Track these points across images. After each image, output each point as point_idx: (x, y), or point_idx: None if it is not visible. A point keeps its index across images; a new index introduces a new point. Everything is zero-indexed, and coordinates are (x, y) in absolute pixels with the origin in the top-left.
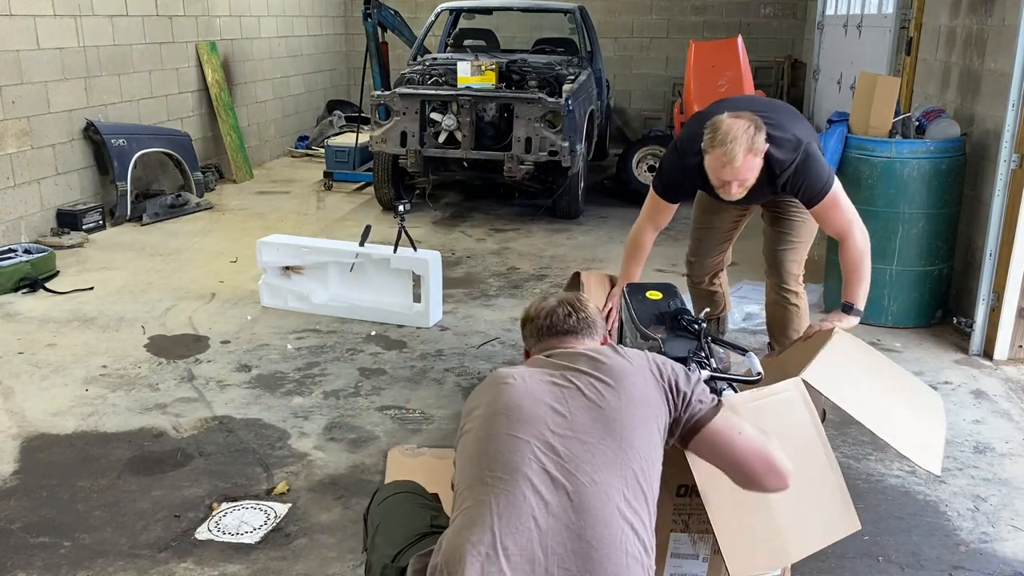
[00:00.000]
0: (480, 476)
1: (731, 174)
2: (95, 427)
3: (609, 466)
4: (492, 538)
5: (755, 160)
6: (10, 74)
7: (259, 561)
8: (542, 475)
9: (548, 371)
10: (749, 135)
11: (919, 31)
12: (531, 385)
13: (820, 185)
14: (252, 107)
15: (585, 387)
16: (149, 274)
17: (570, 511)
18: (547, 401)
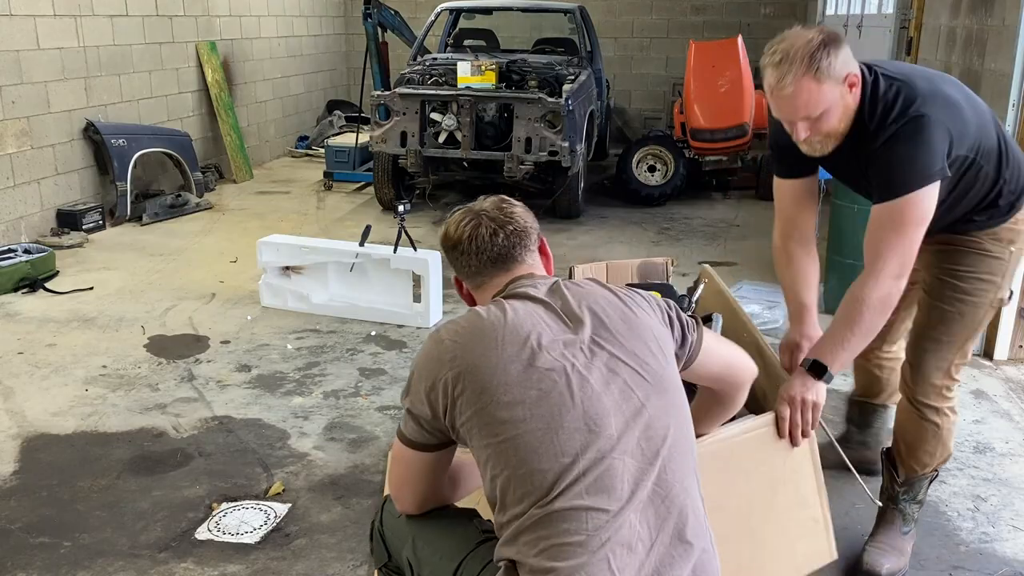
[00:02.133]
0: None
1: (789, 108)
2: (95, 427)
3: (683, 451)
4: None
5: (822, 89)
6: (10, 74)
7: (259, 561)
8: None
9: (577, 343)
10: (809, 52)
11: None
12: (582, 372)
13: (904, 176)
14: (252, 107)
15: (620, 358)
16: (149, 274)
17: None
18: (611, 396)
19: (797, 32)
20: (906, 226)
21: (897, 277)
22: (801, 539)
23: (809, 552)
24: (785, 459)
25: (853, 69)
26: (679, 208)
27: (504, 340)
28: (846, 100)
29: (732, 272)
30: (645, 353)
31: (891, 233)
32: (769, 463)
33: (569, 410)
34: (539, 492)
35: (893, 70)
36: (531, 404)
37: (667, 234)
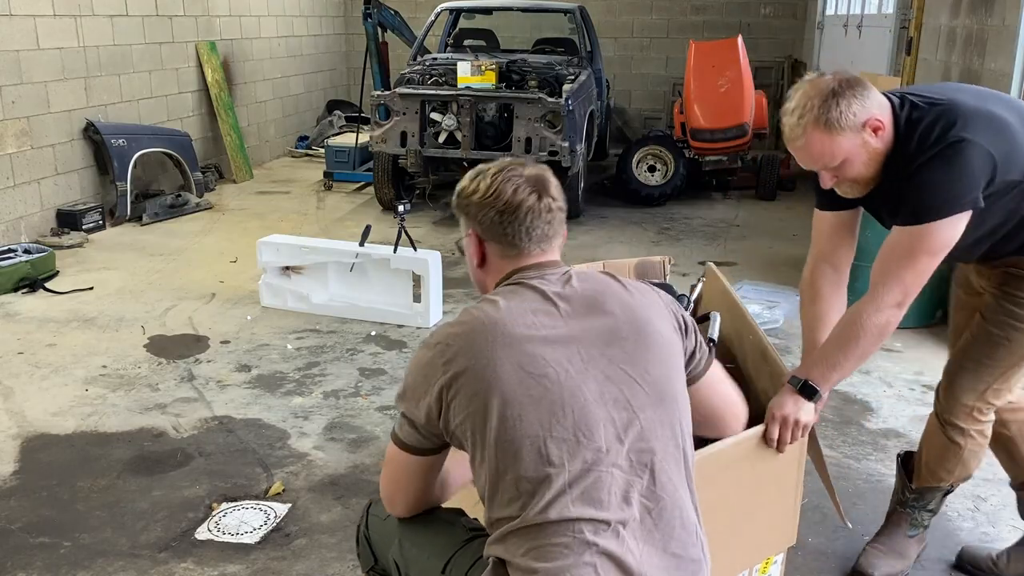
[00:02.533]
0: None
1: (806, 159)
2: (95, 427)
3: (669, 449)
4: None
5: (836, 141)
6: (10, 74)
7: (259, 561)
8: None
9: (576, 348)
10: (820, 103)
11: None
12: (576, 380)
13: (931, 202)
14: (252, 107)
15: (625, 365)
16: (149, 274)
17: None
18: (604, 406)
19: (812, 80)
20: (919, 254)
21: (898, 306)
22: (769, 530)
23: (774, 540)
24: (772, 465)
25: (874, 112)
26: (679, 208)
27: (496, 342)
28: (869, 146)
29: (732, 272)
30: (648, 360)
31: (903, 259)
32: (756, 471)
33: (559, 419)
34: (526, 498)
35: (937, 94)
36: (521, 409)
37: (667, 234)
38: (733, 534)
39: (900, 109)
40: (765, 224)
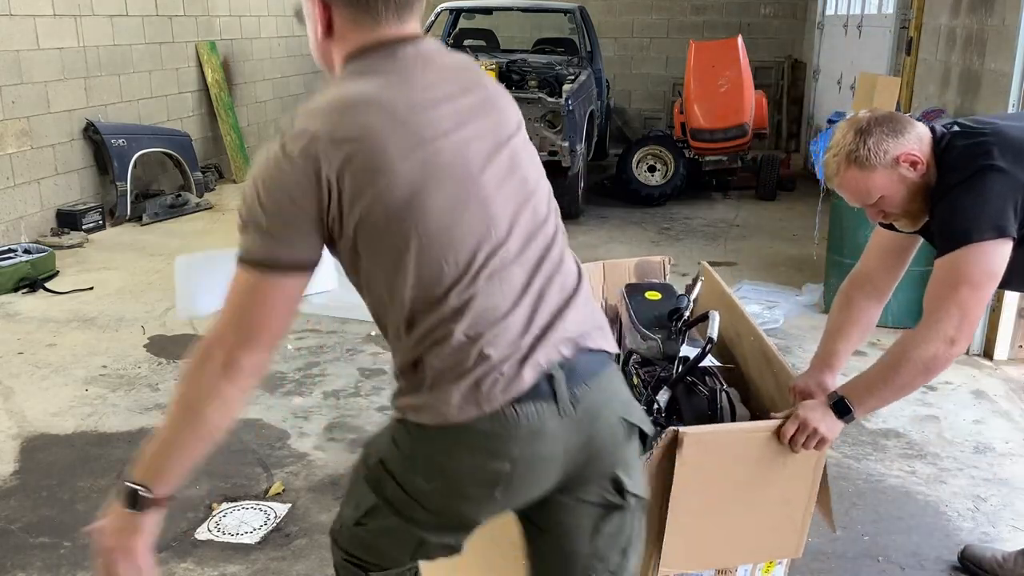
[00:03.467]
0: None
1: (847, 196)
2: (95, 427)
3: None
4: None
5: (870, 177)
6: (10, 74)
7: (259, 561)
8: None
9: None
10: (849, 142)
11: (919, 31)
12: (461, 153)
13: (957, 227)
14: (252, 107)
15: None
16: (149, 274)
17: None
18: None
19: (849, 119)
20: (959, 286)
21: (950, 342)
22: (773, 532)
23: (776, 545)
24: (785, 464)
25: (908, 147)
26: (679, 208)
27: (382, 117)
28: (907, 180)
29: (732, 272)
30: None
31: (945, 292)
32: (769, 464)
33: (464, 202)
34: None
35: (985, 124)
36: (431, 191)
37: (667, 234)
38: (733, 524)
39: (941, 141)
40: (765, 224)
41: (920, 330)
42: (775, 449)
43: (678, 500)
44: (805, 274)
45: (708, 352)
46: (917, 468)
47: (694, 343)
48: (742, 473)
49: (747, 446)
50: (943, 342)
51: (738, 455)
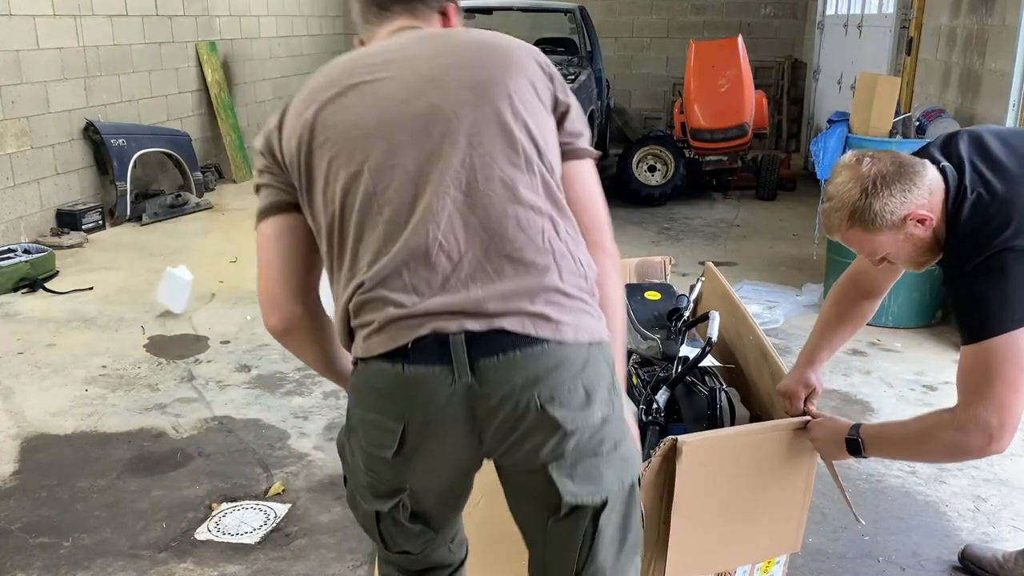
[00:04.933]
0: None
1: (852, 248)
2: (95, 427)
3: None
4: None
5: (874, 238)
6: (10, 74)
7: (259, 561)
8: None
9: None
10: (851, 201)
11: (919, 31)
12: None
13: (990, 316)
14: (252, 107)
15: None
16: (149, 274)
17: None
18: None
19: (850, 165)
20: (996, 382)
21: (989, 438)
22: (771, 530)
23: (775, 543)
24: (780, 466)
25: (917, 204)
26: (679, 208)
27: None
28: (915, 237)
29: (732, 272)
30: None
31: (982, 384)
32: (763, 468)
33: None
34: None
35: (1003, 175)
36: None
37: (667, 234)
38: (733, 527)
39: (956, 199)
40: (765, 224)
41: (958, 414)
42: (772, 451)
43: (680, 509)
44: (805, 274)
45: (708, 352)
46: (917, 468)
47: (694, 343)
48: (741, 477)
49: (745, 450)
50: (983, 435)
51: (736, 460)
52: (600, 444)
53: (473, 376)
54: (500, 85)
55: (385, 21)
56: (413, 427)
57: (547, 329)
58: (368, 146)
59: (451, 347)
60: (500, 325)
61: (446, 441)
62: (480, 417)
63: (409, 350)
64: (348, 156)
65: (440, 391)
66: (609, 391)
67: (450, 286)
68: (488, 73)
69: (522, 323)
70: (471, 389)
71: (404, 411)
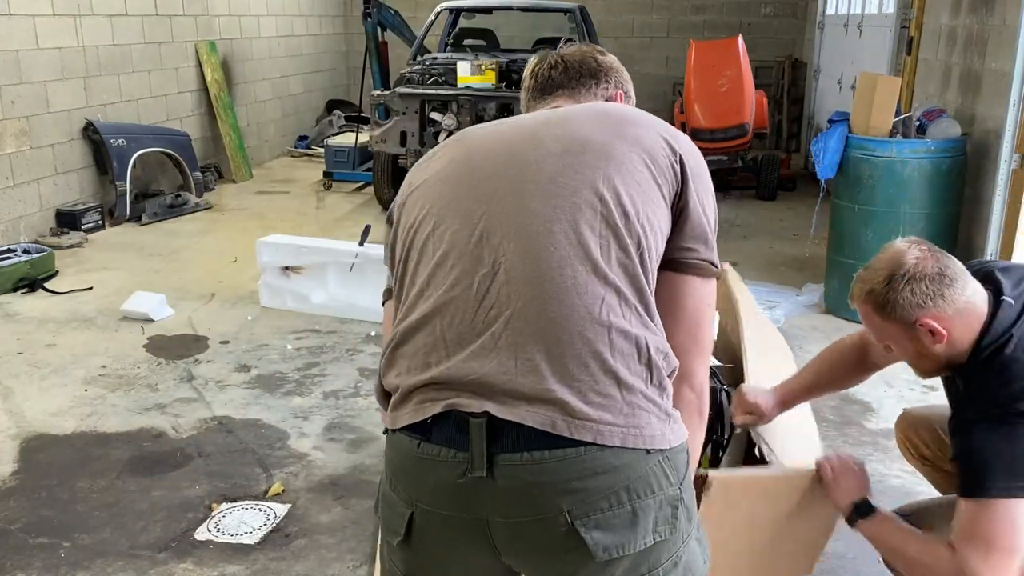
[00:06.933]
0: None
1: (861, 319)
2: (94, 427)
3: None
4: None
5: (882, 324)
6: (9, 74)
7: (259, 562)
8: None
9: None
10: (884, 275)
11: (920, 31)
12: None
13: (996, 474)
14: (252, 107)
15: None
16: (148, 274)
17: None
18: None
19: (899, 248)
20: (992, 550)
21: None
22: (790, 558)
23: (792, 568)
24: (811, 507)
25: (936, 316)
26: None
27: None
28: (921, 345)
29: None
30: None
31: (978, 544)
32: (794, 507)
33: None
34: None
35: None
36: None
37: None
38: (756, 555)
39: (1000, 334)
40: (765, 224)
41: (956, 560)
42: (801, 496)
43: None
44: (805, 274)
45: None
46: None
47: None
48: (767, 514)
49: (774, 492)
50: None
51: (764, 498)
52: (656, 566)
53: (489, 472)
54: (603, 145)
55: (545, 105)
56: (419, 517)
57: (585, 431)
58: (439, 190)
59: (469, 431)
60: (529, 419)
61: (453, 543)
62: (493, 522)
63: (429, 425)
64: (422, 200)
65: (450, 479)
66: (672, 508)
67: (482, 349)
68: (594, 133)
69: (553, 421)
70: (485, 485)
71: (412, 495)
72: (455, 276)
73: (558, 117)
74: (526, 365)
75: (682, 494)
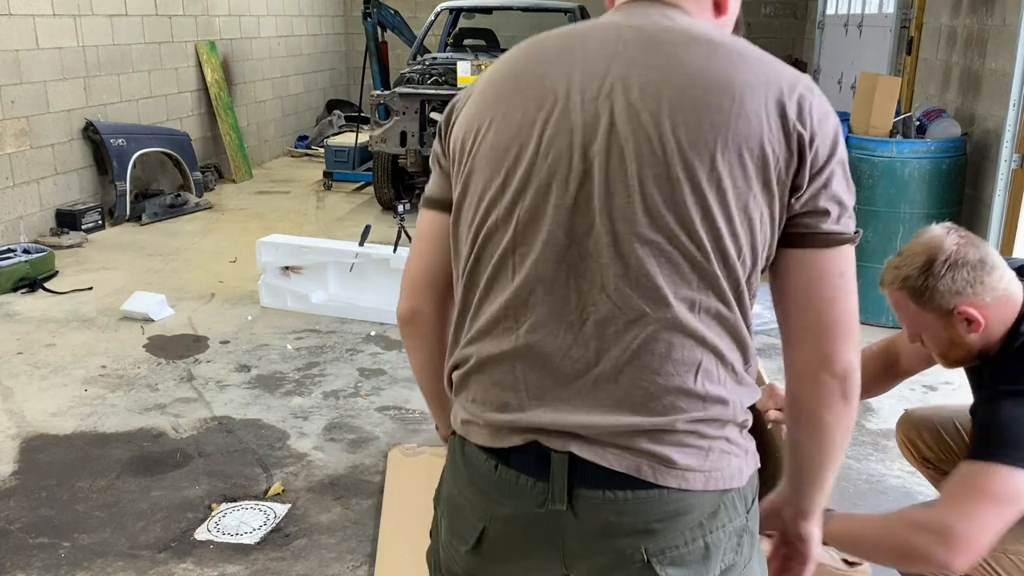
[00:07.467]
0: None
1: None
2: (94, 427)
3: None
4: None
5: (917, 311)
6: (9, 74)
7: (258, 562)
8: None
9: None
10: (920, 263)
11: (920, 31)
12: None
13: (997, 438)
14: (251, 107)
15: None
16: (148, 274)
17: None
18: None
19: (934, 234)
20: (979, 497)
21: (947, 547)
22: None
23: None
24: None
25: (975, 303)
26: None
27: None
28: (956, 333)
29: None
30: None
31: (961, 497)
32: None
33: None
34: None
35: None
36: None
37: None
38: None
39: None
40: None
41: (929, 518)
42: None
43: None
44: None
45: None
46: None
47: None
48: None
49: None
50: (940, 545)
51: None
52: None
53: (570, 505)
54: (691, 150)
55: None
56: (492, 532)
57: (670, 477)
58: (508, 160)
59: (551, 465)
60: (612, 463)
61: (524, 561)
62: (569, 551)
63: (507, 450)
64: (489, 176)
65: (528, 508)
66: (738, 536)
67: (565, 396)
68: (686, 125)
69: (639, 465)
70: (564, 518)
71: (487, 512)
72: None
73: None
74: (610, 417)
75: (748, 522)
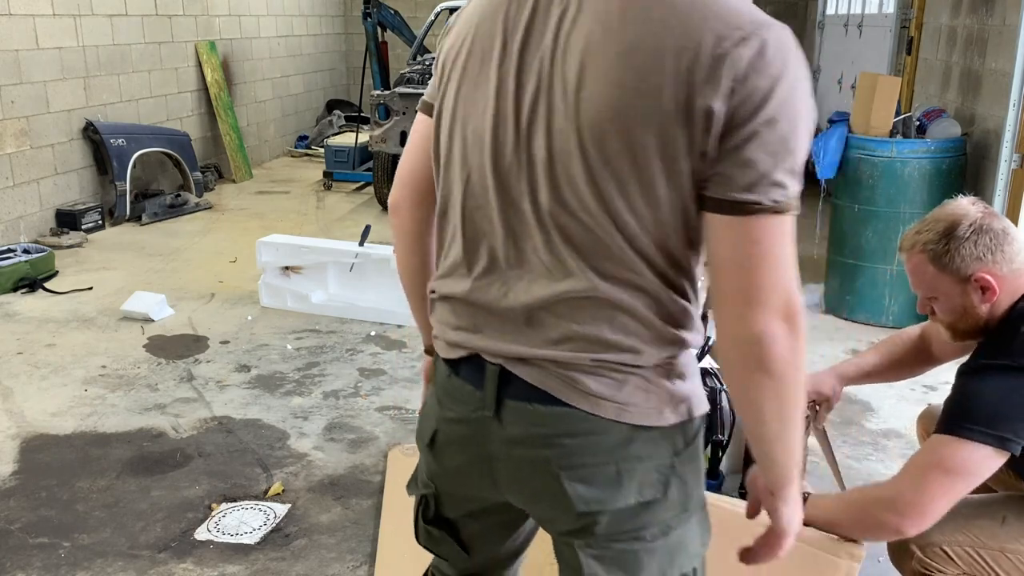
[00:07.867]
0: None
1: (906, 271)
2: (94, 427)
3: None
4: None
5: (934, 274)
6: (9, 74)
7: (259, 562)
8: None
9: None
10: (941, 229)
11: (920, 31)
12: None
13: (959, 408)
14: (251, 107)
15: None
16: (148, 274)
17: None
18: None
19: (958, 203)
20: (932, 466)
21: (897, 513)
22: None
23: None
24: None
25: (988, 269)
26: None
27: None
28: (969, 301)
29: None
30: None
31: (918, 467)
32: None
33: None
34: None
35: None
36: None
37: None
38: None
39: None
40: None
41: (887, 490)
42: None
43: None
44: (805, 274)
45: (707, 352)
46: None
47: None
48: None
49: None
50: (893, 513)
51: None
52: (641, 529)
53: (497, 413)
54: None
55: None
56: (441, 434)
57: (583, 401)
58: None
59: (485, 375)
60: (533, 379)
61: (465, 468)
62: (494, 456)
63: (457, 361)
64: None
65: (466, 412)
66: (662, 475)
67: (503, 330)
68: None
69: (556, 385)
70: (491, 424)
71: (440, 415)
72: (478, 218)
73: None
74: (542, 334)
75: (676, 467)
